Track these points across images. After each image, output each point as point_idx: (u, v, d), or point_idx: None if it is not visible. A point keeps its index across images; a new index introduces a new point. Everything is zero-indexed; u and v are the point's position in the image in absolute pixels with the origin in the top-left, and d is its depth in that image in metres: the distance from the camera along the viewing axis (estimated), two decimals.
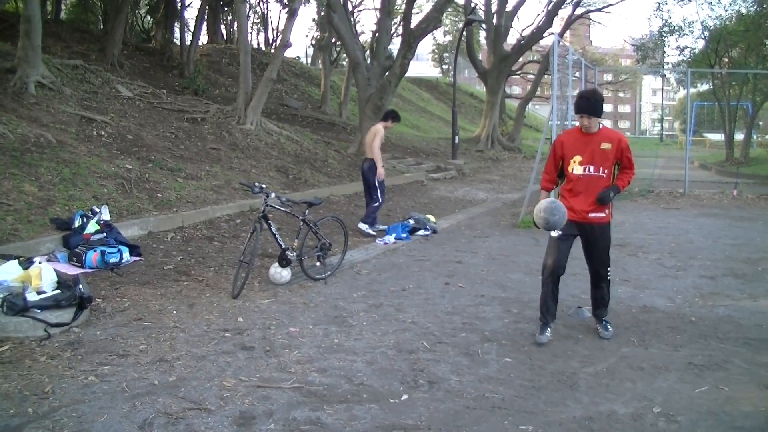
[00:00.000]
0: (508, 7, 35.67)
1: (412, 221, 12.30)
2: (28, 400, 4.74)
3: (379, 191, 12.19)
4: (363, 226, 12.07)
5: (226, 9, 38.10)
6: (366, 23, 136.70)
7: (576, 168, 6.41)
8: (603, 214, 6.48)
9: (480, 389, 5.25)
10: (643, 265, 9.98)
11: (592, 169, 6.35)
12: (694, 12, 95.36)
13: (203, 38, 34.20)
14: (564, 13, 36.94)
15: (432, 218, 12.95)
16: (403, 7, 28.28)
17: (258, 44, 44.10)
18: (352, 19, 31.41)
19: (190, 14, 45.40)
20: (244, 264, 7.82)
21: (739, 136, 33.77)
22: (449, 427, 4.61)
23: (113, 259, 8.49)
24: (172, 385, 5.09)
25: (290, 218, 9.88)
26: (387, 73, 21.02)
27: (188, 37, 28.54)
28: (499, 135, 36.37)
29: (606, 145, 6.33)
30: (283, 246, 8.31)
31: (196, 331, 6.42)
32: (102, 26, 31.85)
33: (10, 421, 4.46)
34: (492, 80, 34.86)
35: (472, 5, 34.55)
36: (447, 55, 63.57)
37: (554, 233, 6.32)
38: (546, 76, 35.37)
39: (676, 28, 31.67)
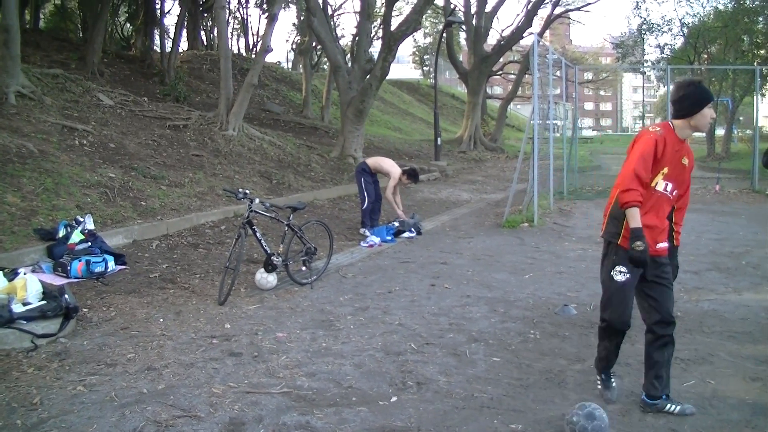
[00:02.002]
0: (488, 8, 35.74)
1: (396, 223, 12.32)
2: (17, 412, 4.73)
3: (366, 192, 12.21)
4: (361, 230, 12.15)
5: (205, 15, 38.03)
6: (346, 27, 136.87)
7: (660, 183, 4.85)
8: (667, 244, 5.00)
9: (468, 389, 5.27)
10: None
11: (670, 187, 4.89)
12: (672, 9, 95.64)
13: (183, 45, 34.17)
14: (543, 12, 37.12)
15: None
16: (383, 10, 28.32)
17: (238, 50, 44.17)
18: (332, 22, 31.45)
19: (170, 21, 45.36)
20: (230, 270, 7.81)
21: (720, 132, 34.00)
22: (439, 427, 4.63)
23: (98, 269, 8.46)
24: (161, 393, 5.08)
25: (275, 223, 9.88)
26: (368, 76, 21.01)
27: (168, 44, 28.50)
28: (482, 135, 36.43)
29: (685, 161, 4.96)
30: (269, 251, 8.31)
31: (184, 338, 6.41)
32: (81, 35, 31.72)
33: None
34: (473, 81, 34.92)
35: (452, 7, 34.64)
36: (427, 56, 63.76)
37: (621, 276, 4.81)
38: (527, 75, 35.46)
39: (655, 25, 31.92)
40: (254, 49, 41.75)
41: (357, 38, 24.88)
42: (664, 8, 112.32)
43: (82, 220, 9.58)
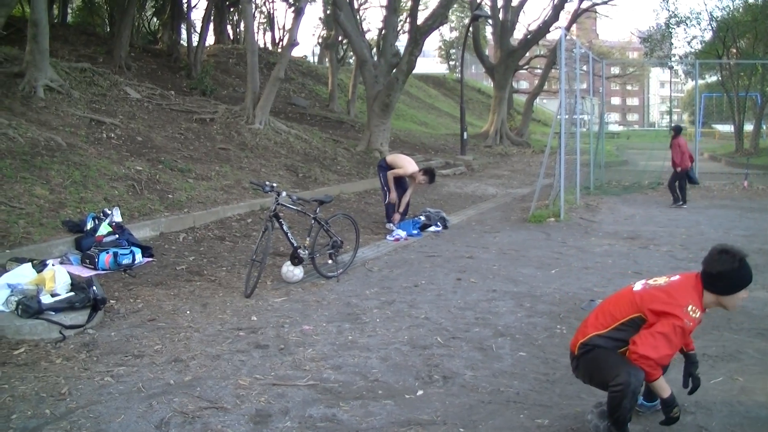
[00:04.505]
0: (514, 2, 35.56)
1: (422, 218, 12.31)
2: (45, 402, 4.77)
3: (385, 188, 12.20)
4: (387, 225, 12.15)
5: (232, 9, 38.13)
6: (372, 21, 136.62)
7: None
8: None
9: (494, 383, 5.26)
10: (655, 258, 9.97)
11: None
12: (701, 2, 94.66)
13: (210, 39, 34.27)
14: (570, 6, 36.75)
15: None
16: (409, 3, 28.28)
17: (265, 44, 44.15)
18: (358, 16, 31.37)
19: (197, 15, 45.32)
20: (257, 263, 7.84)
21: (748, 127, 33.63)
22: (465, 421, 4.62)
23: (126, 261, 8.52)
24: (188, 385, 5.11)
25: (301, 217, 9.91)
26: (394, 70, 20.99)
27: (195, 38, 28.64)
28: (508, 130, 36.30)
29: None
30: (295, 244, 8.33)
31: (210, 330, 6.44)
32: (108, 29, 31.90)
33: (27, 422, 4.48)
34: (499, 75, 34.79)
35: (478, 1, 34.47)
36: (454, 51, 63.58)
37: None
38: (553, 70, 35.29)
39: (683, 19, 31.58)
40: (280, 43, 41.78)
41: (383, 32, 24.89)
42: (693, 1, 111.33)
43: (109, 212, 9.65)
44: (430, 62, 71.04)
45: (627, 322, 4.25)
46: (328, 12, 32.81)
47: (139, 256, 8.80)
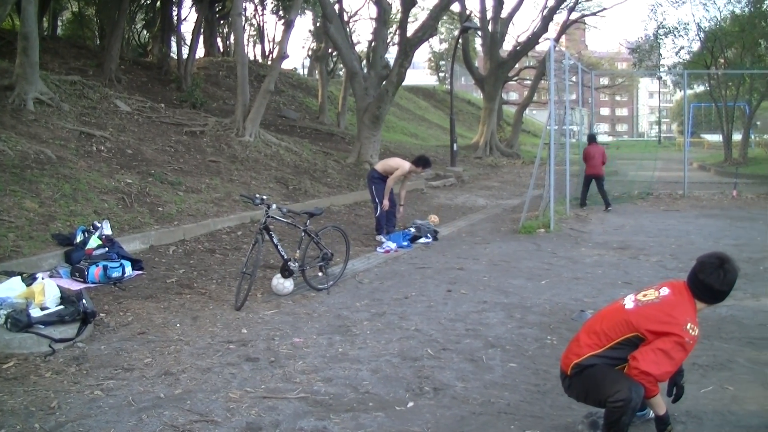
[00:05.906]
0: (504, 14, 35.67)
1: (413, 229, 12.31)
2: (35, 416, 4.75)
3: (377, 199, 12.20)
4: (377, 236, 12.15)
5: (222, 22, 38.15)
6: (362, 33, 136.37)
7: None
8: None
9: (485, 395, 5.26)
10: (645, 268, 9.99)
11: None
12: (688, 13, 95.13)
13: (200, 51, 34.27)
14: (559, 18, 36.90)
15: (435, 219, 12.94)
16: (399, 15, 28.34)
17: (255, 56, 44.16)
18: (348, 29, 31.43)
19: (187, 28, 45.31)
20: (247, 276, 7.83)
21: (737, 137, 33.76)
22: None
23: (116, 274, 8.50)
24: (178, 398, 5.10)
25: (291, 229, 9.89)
26: (384, 82, 21.00)
27: (185, 51, 28.62)
28: (498, 141, 36.36)
29: None
30: (285, 257, 8.32)
31: (201, 343, 6.43)
32: (99, 42, 31.93)
33: None
34: (489, 87, 34.86)
35: (468, 12, 34.55)
36: (443, 62, 63.67)
37: None
38: (543, 81, 35.39)
39: (672, 29, 31.72)
40: (270, 56, 41.79)
41: (373, 44, 24.93)
42: (681, 12, 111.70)
43: (99, 225, 9.61)
44: (419, 74, 71.10)
45: (623, 341, 4.25)
46: (318, 25, 32.88)
47: (129, 269, 8.78)
